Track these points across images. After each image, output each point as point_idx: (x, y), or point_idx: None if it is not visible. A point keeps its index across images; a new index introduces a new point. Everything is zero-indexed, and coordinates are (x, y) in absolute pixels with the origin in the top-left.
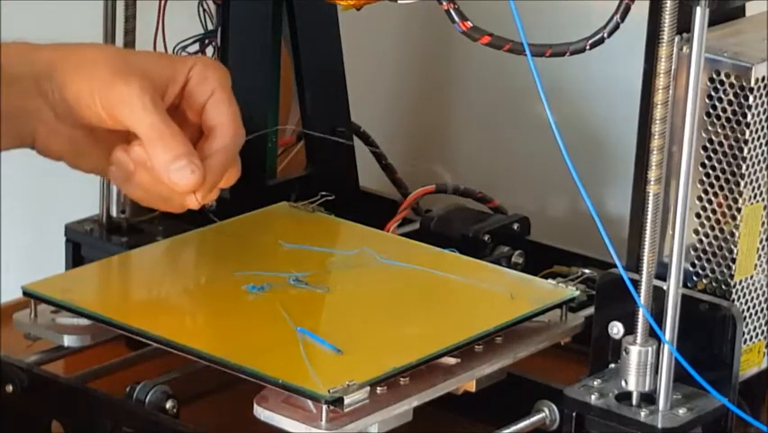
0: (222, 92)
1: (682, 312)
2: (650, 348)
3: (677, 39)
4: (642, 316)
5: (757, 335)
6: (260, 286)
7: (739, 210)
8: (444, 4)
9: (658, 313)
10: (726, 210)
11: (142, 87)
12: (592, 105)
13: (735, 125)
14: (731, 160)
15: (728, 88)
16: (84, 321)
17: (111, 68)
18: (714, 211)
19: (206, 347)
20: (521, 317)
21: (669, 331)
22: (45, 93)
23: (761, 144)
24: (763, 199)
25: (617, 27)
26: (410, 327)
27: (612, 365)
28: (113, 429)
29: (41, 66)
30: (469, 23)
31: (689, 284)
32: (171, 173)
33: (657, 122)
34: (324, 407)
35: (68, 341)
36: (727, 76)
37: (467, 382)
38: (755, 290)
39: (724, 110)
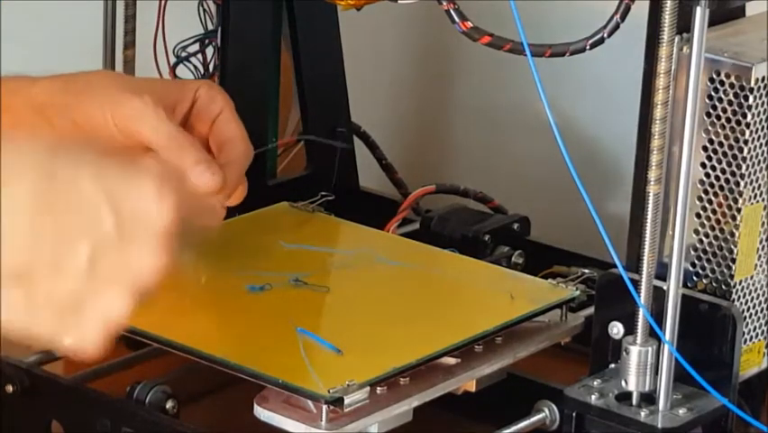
0: (230, 112)
1: (682, 312)
2: (650, 348)
3: (677, 39)
4: (642, 316)
5: (757, 335)
6: (260, 286)
7: (739, 210)
8: (444, 4)
9: (658, 313)
10: (726, 210)
11: (155, 101)
12: (592, 105)
13: (735, 126)
14: (731, 160)
15: (728, 88)
16: None
17: (120, 87)
18: (714, 211)
19: (206, 347)
20: (521, 317)
21: (669, 331)
22: (50, 120)
23: (761, 144)
24: (763, 200)
25: (617, 27)
26: (410, 327)
27: (612, 365)
28: (113, 429)
29: (44, 95)
30: (469, 23)
31: (689, 284)
32: (193, 177)
33: (657, 122)
34: (324, 407)
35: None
36: (727, 76)
37: (467, 382)
38: (755, 290)
39: (724, 110)
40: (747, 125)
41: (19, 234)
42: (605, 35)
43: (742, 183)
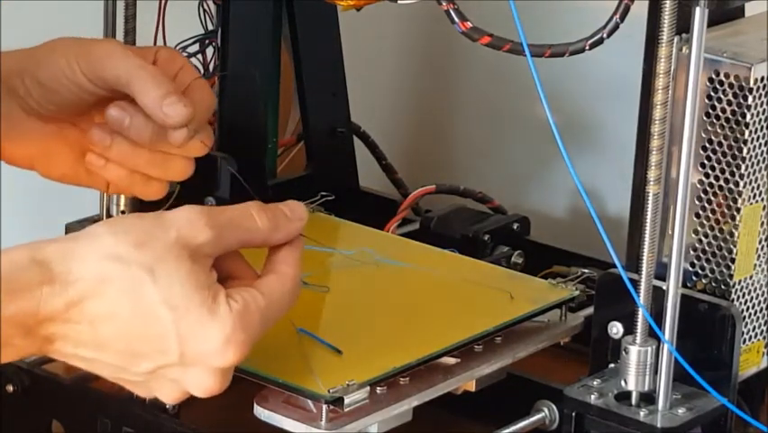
0: (190, 68)
1: (682, 312)
2: (649, 348)
3: (676, 39)
4: (641, 316)
5: (756, 335)
6: None
7: (738, 210)
8: (444, 4)
9: (657, 313)
10: (725, 210)
11: (120, 44)
12: (592, 105)
13: (734, 126)
14: (730, 160)
15: (728, 89)
16: None
17: (83, 41)
18: (713, 211)
19: None
20: (521, 317)
21: (668, 331)
22: (15, 89)
23: (760, 144)
24: (762, 200)
25: (616, 27)
26: (410, 327)
27: (612, 365)
28: (113, 429)
29: (6, 66)
30: (468, 24)
31: (688, 284)
32: (164, 107)
33: (657, 122)
34: (324, 407)
35: None
36: (727, 76)
37: (467, 382)
38: (755, 289)
39: (723, 110)
40: (746, 125)
41: (90, 339)
42: (604, 35)
43: (741, 183)
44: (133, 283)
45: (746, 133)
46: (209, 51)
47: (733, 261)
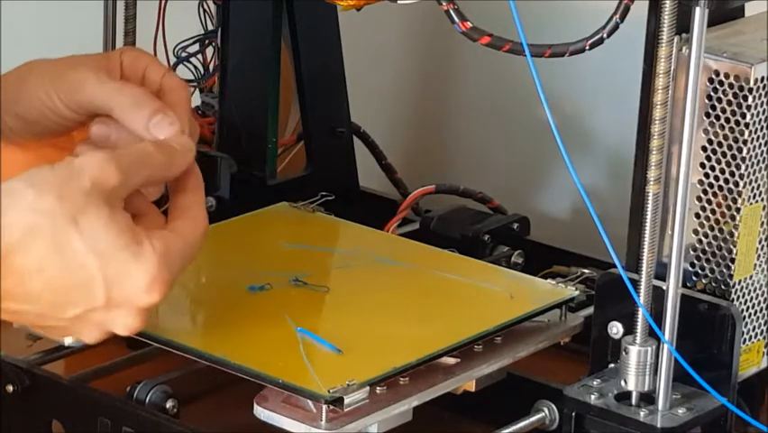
0: (156, 63)
1: (682, 312)
2: (649, 348)
3: (676, 39)
4: (641, 316)
5: (756, 335)
6: (261, 286)
7: (738, 210)
8: (444, 4)
9: (657, 313)
10: (725, 210)
11: (92, 68)
12: (592, 105)
13: (734, 126)
14: (730, 160)
15: (728, 89)
16: None
17: (54, 67)
18: (713, 211)
19: (206, 347)
20: (521, 316)
21: (668, 331)
22: None
23: (760, 145)
24: (762, 200)
25: (616, 27)
26: (410, 327)
27: (611, 365)
28: (113, 429)
29: None
30: (468, 24)
31: (688, 284)
32: (151, 129)
33: (656, 122)
34: (324, 407)
35: (69, 341)
36: (727, 76)
37: (467, 382)
38: (755, 289)
39: (723, 110)
40: (746, 125)
41: (19, 292)
42: (604, 35)
43: (741, 183)
44: (60, 236)
45: (746, 133)
46: (209, 51)
47: (733, 261)
